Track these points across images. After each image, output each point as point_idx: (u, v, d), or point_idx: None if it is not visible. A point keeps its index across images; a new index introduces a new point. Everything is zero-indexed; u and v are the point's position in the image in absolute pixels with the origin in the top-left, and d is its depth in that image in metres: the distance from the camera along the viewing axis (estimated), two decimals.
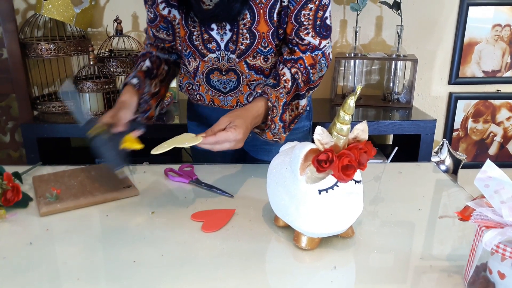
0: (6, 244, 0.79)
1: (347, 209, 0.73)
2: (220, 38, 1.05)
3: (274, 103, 0.98)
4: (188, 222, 0.86)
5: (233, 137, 0.87)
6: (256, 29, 1.02)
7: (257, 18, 1.01)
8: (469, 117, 2.27)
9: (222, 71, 1.10)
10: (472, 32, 2.13)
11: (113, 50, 1.98)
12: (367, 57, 2.02)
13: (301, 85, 1.03)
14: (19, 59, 1.85)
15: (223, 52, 1.07)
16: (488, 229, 0.61)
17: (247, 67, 1.08)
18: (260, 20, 1.01)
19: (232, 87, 1.13)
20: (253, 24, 1.01)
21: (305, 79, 1.04)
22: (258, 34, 1.02)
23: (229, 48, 1.06)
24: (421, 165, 1.19)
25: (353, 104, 0.70)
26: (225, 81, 1.12)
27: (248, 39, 1.03)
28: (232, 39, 1.04)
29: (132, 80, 1.06)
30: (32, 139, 1.80)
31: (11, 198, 0.89)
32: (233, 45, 1.05)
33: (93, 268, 0.72)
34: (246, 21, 1.01)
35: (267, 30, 1.02)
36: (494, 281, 0.64)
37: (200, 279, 0.69)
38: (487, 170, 0.63)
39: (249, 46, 1.04)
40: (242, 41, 1.04)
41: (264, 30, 1.02)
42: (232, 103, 1.15)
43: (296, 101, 1.09)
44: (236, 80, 1.11)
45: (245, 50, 1.05)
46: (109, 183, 1.01)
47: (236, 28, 1.02)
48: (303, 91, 1.06)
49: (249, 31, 1.02)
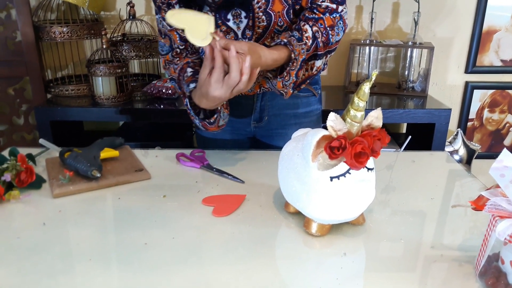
0: (20, 225, 0.80)
1: (358, 196, 0.72)
2: (237, 27, 1.03)
3: (296, 56, 0.97)
4: (199, 207, 0.87)
5: (247, 58, 0.83)
6: (272, 9, 1.01)
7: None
8: (485, 107, 2.24)
9: None
10: (491, 20, 2.08)
11: (126, 34, 1.97)
12: (383, 44, 1.99)
13: (320, 45, 1.02)
14: (33, 42, 1.86)
15: (241, 40, 1.05)
16: (502, 219, 0.60)
17: None
18: (275, 0, 1.00)
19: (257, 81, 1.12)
20: (268, 5, 1.00)
21: (325, 40, 1.03)
22: (273, 14, 1.01)
23: (246, 35, 1.04)
24: (435, 154, 1.18)
25: (368, 91, 0.69)
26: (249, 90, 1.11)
27: (265, 21, 1.02)
28: (249, 25, 1.03)
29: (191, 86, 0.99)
30: (45, 122, 1.82)
31: (25, 180, 0.91)
32: (250, 31, 1.04)
33: (105, 249, 0.73)
34: (261, 3, 0.99)
35: (282, 8, 1.01)
36: (506, 271, 0.63)
37: (210, 263, 0.69)
38: (503, 160, 0.62)
39: (266, 28, 1.03)
40: (258, 25, 1.03)
41: (279, 9, 1.01)
42: (255, 89, 1.14)
43: (312, 61, 1.06)
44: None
45: (262, 33, 1.04)
46: (121, 166, 1.01)
47: (251, 13, 1.01)
48: (321, 51, 1.04)
49: (264, 12, 1.01)
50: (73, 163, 0.96)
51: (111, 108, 1.80)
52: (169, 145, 1.24)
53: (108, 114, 1.81)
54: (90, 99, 1.90)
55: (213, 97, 0.88)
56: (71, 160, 0.96)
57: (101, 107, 1.81)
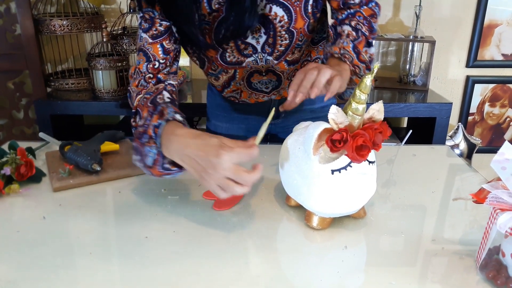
0: (20, 218, 0.80)
1: (360, 189, 0.72)
2: (256, 41, 1.00)
3: (340, 52, 0.92)
4: (200, 200, 0.86)
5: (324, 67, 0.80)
6: (294, 27, 0.98)
7: (294, 16, 0.96)
8: (486, 101, 2.23)
9: (262, 72, 1.07)
10: (493, 14, 2.07)
11: (126, 28, 1.97)
12: (384, 37, 1.98)
13: (366, 34, 0.97)
14: (33, 35, 1.85)
15: (260, 54, 1.02)
16: (503, 211, 0.60)
17: (286, 64, 1.06)
18: (297, 18, 0.97)
19: (274, 85, 1.11)
20: (291, 23, 0.97)
21: (368, 28, 0.98)
22: (295, 31, 0.98)
23: (265, 50, 1.01)
24: (436, 148, 1.18)
25: (369, 83, 0.68)
26: (266, 81, 1.10)
27: (287, 39, 0.99)
28: (268, 42, 1.00)
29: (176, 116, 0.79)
30: (45, 116, 1.81)
31: (25, 173, 0.90)
32: (270, 48, 1.01)
33: (106, 243, 0.73)
34: (283, 22, 0.96)
35: (303, 24, 0.98)
36: (507, 264, 0.63)
37: (211, 256, 0.69)
38: (505, 152, 0.61)
39: (288, 45, 1.01)
40: (280, 42, 1.00)
41: (301, 25, 0.98)
42: (277, 99, 1.14)
43: (365, 49, 0.97)
44: (277, 80, 1.09)
45: (284, 50, 1.02)
46: (122, 160, 1.01)
47: (272, 31, 0.97)
48: (370, 39, 0.99)
49: (287, 31, 0.98)
50: (73, 157, 0.95)
51: (111, 102, 1.79)
52: None
53: (108, 108, 1.81)
54: (90, 92, 1.90)
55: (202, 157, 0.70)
56: (71, 154, 0.96)
57: (101, 100, 1.80)
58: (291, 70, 1.08)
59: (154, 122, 0.78)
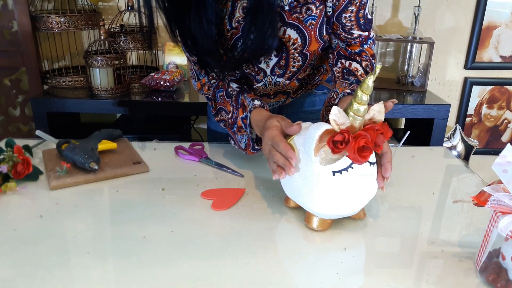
0: (17, 216, 0.79)
1: (361, 191, 0.72)
2: (266, 65, 1.00)
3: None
4: (198, 200, 0.86)
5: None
6: (308, 50, 0.98)
7: (308, 40, 0.96)
8: (484, 103, 2.24)
9: (270, 95, 1.08)
10: (491, 16, 2.08)
11: (124, 25, 1.96)
12: (383, 38, 1.98)
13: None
14: (29, 32, 1.84)
15: (270, 77, 1.03)
16: (504, 214, 0.60)
17: (298, 81, 1.06)
18: (311, 41, 0.96)
19: (281, 103, 1.13)
20: (305, 46, 0.97)
21: (370, 69, 1.01)
22: (309, 53, 0.99)
23: (275, 72, 1.01)
24: (434, 149, 1.18)
25: (371, 84, 0.68)
26: (274, 103, 1.11)
27: (300, 60, 1.00)
28: (279, 64, 1.00)
29: (255, 102, 0.91)
30: (41, 114, 1.80)
31: (22, 171, 0.90)
32: (280, 70, 1.01)
33: (103, 242, 0.72)
34: (297, 45, 0.96)
35: (318, 46, 0.98)
36: (507, 267, 0.63)
37: (209, 257, 0.69)
38: (507, 155, 0.61)
39: (300, 66, 1.01)
40: (293, 64, 1.00)
41: (315, 48, 0.98)
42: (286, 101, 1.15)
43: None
44: (286, 98, 1.10)
45: (296, 71, 1.02)
46: (119, 158, 1.00)
47: (285, 53, 0.97)
48: None
49: (300, 53, 0.98)
50: (70, 155, 0.95)
51: (108, 100, 1.78)
52: (167, 138, 1.23)
53: (105, 106, 1.80)
54: (87, 90, 1.89)
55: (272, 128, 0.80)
56: (68, 152, 0.95)
57: (98, 98, 1.79)
58: (301, 85, 1.10)
59: (241, 115, 0.93)
